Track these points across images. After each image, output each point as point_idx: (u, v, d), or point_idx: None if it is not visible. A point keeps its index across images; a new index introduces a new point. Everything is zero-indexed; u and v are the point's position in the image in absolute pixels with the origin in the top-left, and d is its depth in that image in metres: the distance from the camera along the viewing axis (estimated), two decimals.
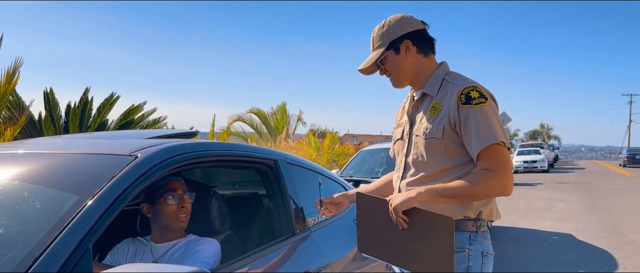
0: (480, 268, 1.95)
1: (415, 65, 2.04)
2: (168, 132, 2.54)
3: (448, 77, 2.01)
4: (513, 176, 1.91)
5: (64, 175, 1.79)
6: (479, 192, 1.86)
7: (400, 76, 2.06)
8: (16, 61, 6.79)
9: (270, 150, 2.65)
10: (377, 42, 2.06)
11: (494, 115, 1.89)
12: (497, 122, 1.89)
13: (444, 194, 1.85)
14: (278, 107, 20.32)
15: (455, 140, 1.91)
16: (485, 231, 1.99)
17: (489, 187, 1.85)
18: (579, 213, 10.67)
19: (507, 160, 1.88)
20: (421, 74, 2.05)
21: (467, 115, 1.87)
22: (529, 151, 28.80)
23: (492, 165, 1.85)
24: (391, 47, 2.02)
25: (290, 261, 2.26)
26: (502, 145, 1.86)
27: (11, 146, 2.26)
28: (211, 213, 2.49)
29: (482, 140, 1.84)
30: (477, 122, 1.85)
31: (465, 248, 1.93)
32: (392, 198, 1.88)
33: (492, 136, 1.84)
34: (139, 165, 1.76)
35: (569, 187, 17.08)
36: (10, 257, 1.43)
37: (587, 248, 7.12)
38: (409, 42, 2.01)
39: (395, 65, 2.04)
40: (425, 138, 1.96)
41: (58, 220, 1.49)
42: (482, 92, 1.90)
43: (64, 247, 1.41)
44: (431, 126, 1.95)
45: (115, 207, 1.59)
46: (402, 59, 2.03)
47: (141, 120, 10.92)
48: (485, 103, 1.87)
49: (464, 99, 1.88)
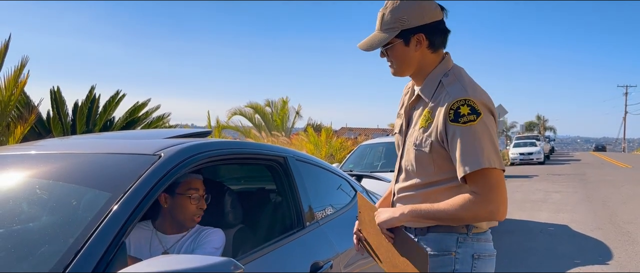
0: (471, 270, 1.83)
1: (421, 61, 1.87)
2: (185, 132, 2.66)
3: (445, 80, 1.83)
4: (506, 200, 1.73)
5: (95, 174, 1.92)
6: (464, 217, 1.73)
7: (402, 68, 1.89)
8: (22, 60, 6.88)
9: (280, 148, 2.78)
10: (388, 23, 1.83)
11: (484, 135, 1.71)
12: (488, 141, 1.71)
13: (428, 217, 1.77)
14: (279, 100, 20.41)
15: (443, 155, 1.78)
16: (480, 233, 1.86)
17: (475, 212, 1.71)
18: (574, 204, 10.83)
19: (498, 183, 1.71)
20: (423, 70, 1.89)
21: (453, 133, 1.72)
22: (525, 143, 28.96)
23: (480, 189, 1.70)
24: (402, 36, 1.82)
25: (301, 253, 2.39)
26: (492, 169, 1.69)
27: (41, 147, 2.38)
28: (224, 207, 2.62)
29: (467, 164, 1.69)
30: (463, 142, 1.70)
31: (451, 251, 1.83)
32: (378, 214, 1.86)
33: (477, 161, 1.68)
34: (163, 164, 1.89)
35: (565, 179, 17.24)
36: (52, 251, 1.56)
37: (583, 239, 7.27)
38: (422, 36, 1.82)
39: (401, 57, 1.86)
40: (415, 149, 1.86)
41: (94, 216, 1.62)
42: (475, 107, 1.72)
43: (101, 241, 1.54)
44: (421, 138, 1.83)
45: (144, 204, 1.72)
46: (410, 52, 1.84)
47: (146, 118, 11.03)
48: (474, 122, 1.70)
49: (452, 115, 1.72)
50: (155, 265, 1.44)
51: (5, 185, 1.96)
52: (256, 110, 20.17)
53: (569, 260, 6.01)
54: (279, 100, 20.37)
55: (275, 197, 2.94)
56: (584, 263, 5.86)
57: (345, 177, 3.41)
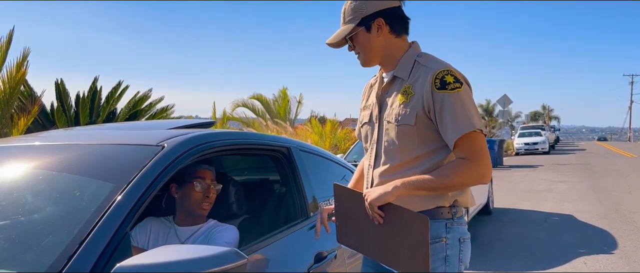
0: (459, 255, 1.90)
1: (386, 46, 1.94)
2: (188, 122, 2.65)
3: (420, 59, 1.91)
4: (490, 163, 1.83)
5: (98, 165, 1.92)
6: (457, 182, 1.80)
7: (369, 55, 1.96)
8: (24, 51, 6.88)
9: (284, 138, 2.77)
10: (349, 15, 1.94)
11: (469, 101, 1.82)
12: (473, 107, 1.82)
13: (422, 186, 1.79)
14: (279, 92, 20.39)
15: (428, 126, 1.84)
16: (461, 216, 1.94)
17: (467, 177, 1.79)
18: (580, 194, 10.82)
19: (484, 147, 1.81)
20: (392, 55, 1.95)
21: (442, 101, 1.78)
22: (530, 133, 28.89)
23: (469, 153, 1.78)
24: (363, 23, 1.91)
25: (305, 243, 2.39)
26: (479, 132, 1.80)
27: (45, 138, 2.39)
28: (229, 198, 2.62)
29: (459, 128, 1.77)
30: (453, 108, 1.77)
31: (442, 238, 1.87)
32: (368, 193, 1.82)
33: (469, 124, 1.77)
34: (166, 154, 1.88)
35: (570, 169, 17.20)
36: (57, 241, 1.56)
37: (588, 229, 7.26)
38: (381, 20, 1.91)
39: (365, 44, 1.94)
40: (397, 125, 1.88)
41: (97, 207, 1.62)
42: (457, 76, 1.81)
43: (106, 231, 1.54)
44: (403, 112, 1.86)
45: (147, 194, 1.72)
46: (372, 37, 1.92)
47: (149, 109, 11.05)
48: (460, 88, 1.79)
49: (438, 83, 1.79)
50: (158, 255, 1.44)
51: (9, 177, 1.96)
52: (260, 101, 20.15)
53: (574, 250, 6.01)
54: (280, 92, 20.33)
55: (279, 187, 2.94)
56: (589, 253, 5.86)
57: (349, 167, 3.40)
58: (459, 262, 1.91)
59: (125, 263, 1.41)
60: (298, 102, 20.87)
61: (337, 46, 2.00)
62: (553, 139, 34.55)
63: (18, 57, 6.91)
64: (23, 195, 1.86)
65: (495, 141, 18.52)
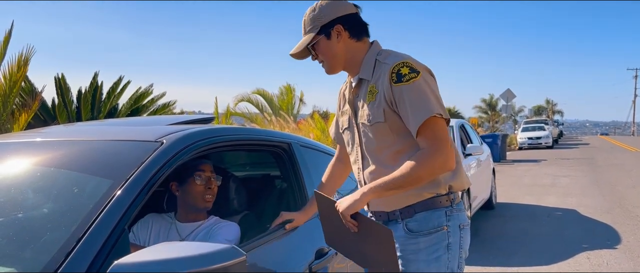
0: (459, 242, 1.95)
1: (347, 51, 1.99)
2: (187, 118, 2.65)
3: (380, 57, 1.96)
4: (453, 149, 1.86)
5: (97, 161, 1.91)
6: (422, 175, 1.82)
7: (332, 62, 2.01)
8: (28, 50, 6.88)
9: (285, 134, 2.76)
10: (308, 26, 1.99)
11: (427, 88, 1.84)
12: (432, 93, 1.84)
13: (389, 187, 1.83)
14: (284, 87, 20.35)
15: (398, 120, 1.89)
16: (460, 203, 1.99)
17: (431, 166, 1.81)
18: (583, 188, 10.78)
19: (445, 133, 1.85)
20: (354, 59, 2.01)
21: (400, 93, 1.83)
22: (534, 127, 28.83)
23: (430, 141, 1.81)
24: (322, 31, 1.96)
25: (306, 239, 2.38)
26: (439, 117, 1.83)
27: (43, 134, 2.38)
28: (229, 194, 2.61)
29: (418, 116, 1.80)
30: (411, 98, 1.82)
31: (443, 226, 1.92)
32: (340, 203, 1.89)
33: (427, 110, 1.80)
34: (165, 150, 1.87)
35: (573, 163, 17.16)
36: (55, 237, 1.56)
37: (591, 223, 7.23)
38: (340, 26, 1.96)
39: (327, 51, 1.98)
40: (370, 125, 1.94)
41: (96, 204, 1.61)
42: (413, 66, 1.85)
43: (104, 228, 1.53)
44: (372, 111, 1.92)
45: (146, 190, 1.70)
46: (333, 44, 1.97)
47: (151, 105, 11.04)
48: (416, 77, 1.83)
49: (395, 77, 1.84)
50: (156, 253, 1.42)
51: (6, 173, 1.95)
52: (263, 96, 20.12)
53: (577, 245, 5.98)
54: (285, 87, 20.28)
55: (280, 183, 2.93)
56: (592, 248, 5.84)
57: None
58: (460, 249, 1.96)
59: (123, 260, 1.40)
60: (299, 99, 20.84)
61: (300, 57, 2.06)
62: (556, 133, 34.47)
63: (19, 53, 6.92)
64: (20, 192, 1.85)
65: (498, 135, 18.48)
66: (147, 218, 2.33)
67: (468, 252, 2.02)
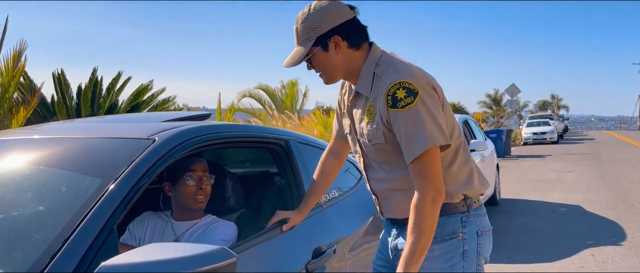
0: (477, 249, 1.86)
1: (346, 61, 1.85)
2: (182, 115, 2.60)
3: (378, 70, 1.82)
4: (439, 180, 1.74)
5: (86, 159, 1.87)
6: (429, 222, 1.71)
7: (330, 74, 1.88)
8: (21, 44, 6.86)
9: (282, 131, 2.71)
10: (303, 36, 1.82)
11: (425, 113, 1.71)
12: (430, 119, 1.71)
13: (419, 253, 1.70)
14: (287, 82, 20.30)
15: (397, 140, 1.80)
16: (479, 207, 1.89)
17: (428, 210, 1.71)
18: (588, 184, 10.71)
19: (431, 168, 1.72)
20: (353, 69, 1.88)
21: (395, 118, 1.73)
22: (539, 122, 28.75)
23: (417, 180, 1.73)
24: (319, 43, 1.81)
25: (302, 238, 2.33)
26: (433, 148, 1.71)
27: (34, 131, 2.34)
28: (225, 192, 2.57)
29: (411, 149, 1.72)
30: (405, 126, 1.71)
31: (459, 233, 1.83)
32: None
33: (421, 143, 1.70)
34: (157, 148, 1.83)
35: (578, 158, 17.07)
36: (41, 238, 1.52)
37: (596, 219, 7.17)
38: (338, 38, 1.81)
39: (325, 63, 1.85)
40: (371, 144, 1.86)
41: (84, 203, 1.57)
42: (411, 87, 1.71)
43: (91, 228, 1.49)
44: (371, 132, 1.84)
45: (136, 189, 1.67)
46: (331, 56, 1.83)
47: (151, 100, 11.02)
48: (412, 103, 1.70)
49: (390, 101, 1.73)
50: (144, 254, 1.38)
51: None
52: (266, 91, 20.08)
53: (582, 241, 5.93)
54: (289, 82, 20.23)
55: (277, 180, 2.89)
56: (597, 244, 5.78)
57: (350, 159, 3.34)
58: (478, 256, 1.87)
59: (109, 262, 1.36)
60: (303, 94, 20.78)
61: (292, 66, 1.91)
62: (562, 129, 34.33)
63: (15, 48, 6.89)
64: (7, 191, 1.82)
65: (503, 131, 18.41)
66: (144, 216, 2.31)
67: (489, 258, 1.93)
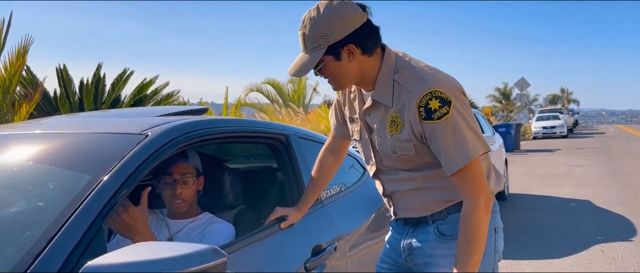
0: (493, 247, 1.84)
1: (361, 68, 1.72)
2: (178, 109, 2.55)
3: (398, 78, 1.70)
4: (486, 184, 1.71)
5: (76, 155, 1.82)
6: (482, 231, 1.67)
7: (343, 82, 1.76)
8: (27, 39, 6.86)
9: (282, 125, 2.65)
10: (312, 43, 1.66)
11: (462, 122, 1.64)
12: (468, 129, 1.64)
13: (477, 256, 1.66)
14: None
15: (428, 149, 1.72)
16: (494, 204, 1.86)
17: (482, 217, 1.66)
18: (598, 178, 10.59)
19: (477, 176, 1.67)
20: (368, 76, 1.75)
21: (432, 131, 1.64)
22: (548, 117, 28.55)
23: (470, 189, 1.66)
24: (330, 52, 1.66)
25: (302, 235, 2.28)
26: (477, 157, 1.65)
27: (24, 126, 2.30)
28: (225, 188, 2.52)
29: (454, 163, 1.64)
30: (444, 138, 1.63)
31: None
32: None
33: (464, 155, 1.62)
34: (149, 143, 1.77)
35: (588, 152, 16.91)
36: (26, 237, 1.47)
37: (606, 215, 7.08)
38: (352, 46, 1.66)
39: (337, 72, 1.72)
40: (396, 156, 1.77)
41: (71, 201, 1.52)
42: (444, 96, 1.62)
43: (77, 227, 1.44)
44: (399, 145, 1.74)
45: (126, 186, 1.61)
46: (344, 65, 1.69)
47: (154, 95, 11.01)
48: (448, 114, 1.61)
49: (423, 113, 1.63)
50: (130, 254, 1.33)
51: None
52: (273, 86, 20.04)
53: (591, 237, 5.84)
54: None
55: (278, 176, 2.83)
56: (607, 240, 5.69)
57: (353, 155, 3.28)
58: (494, 253, 1.87)
59: (95, 262, 1.31)
60: (313, 89, 20.70)
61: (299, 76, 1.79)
62: (572, 123, 34.07)
63: (20, 44, 6.89)
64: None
65: (512, 125, 18.28)
66: None
67: (502, 255, 1.93)
